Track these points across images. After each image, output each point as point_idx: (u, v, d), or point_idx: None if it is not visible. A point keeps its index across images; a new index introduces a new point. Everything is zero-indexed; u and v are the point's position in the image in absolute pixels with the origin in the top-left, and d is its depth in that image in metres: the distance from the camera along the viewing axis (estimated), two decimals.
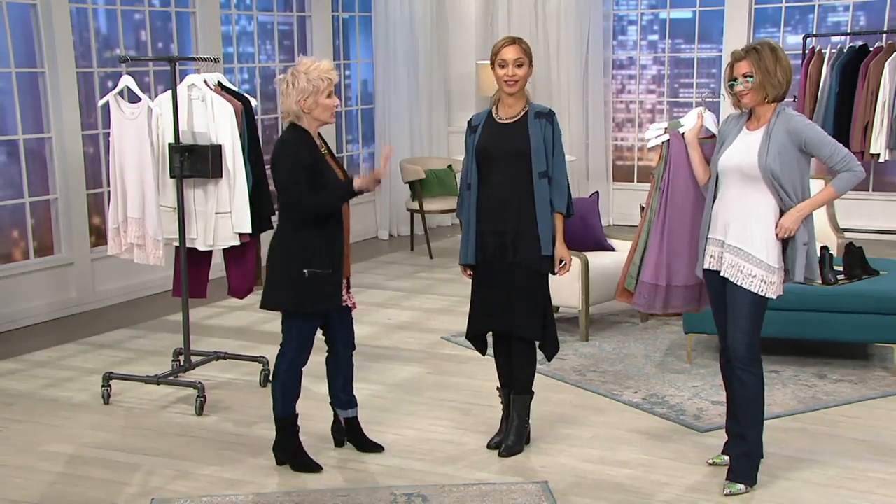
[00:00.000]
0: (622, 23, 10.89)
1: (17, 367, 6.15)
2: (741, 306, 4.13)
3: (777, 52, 4.06)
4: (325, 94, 4.29)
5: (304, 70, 4.28)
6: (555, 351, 4.70)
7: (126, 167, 5.43)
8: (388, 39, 10.15)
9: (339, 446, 4.78)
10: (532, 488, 4.31)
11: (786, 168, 4.04)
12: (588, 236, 6.80)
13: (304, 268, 4.30)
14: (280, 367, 4.48)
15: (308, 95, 4.27)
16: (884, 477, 4.41)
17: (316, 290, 4.34)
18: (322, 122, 4.38)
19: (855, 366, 5.87)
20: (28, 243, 7.24)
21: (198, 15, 8.38)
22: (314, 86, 4.26)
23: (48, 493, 4.38)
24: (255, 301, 7.47)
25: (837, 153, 4.02)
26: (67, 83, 7.27)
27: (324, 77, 4.28)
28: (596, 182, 10.65)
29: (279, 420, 4.54)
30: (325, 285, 4.35)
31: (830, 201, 3.99)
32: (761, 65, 4.03)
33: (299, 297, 4.34)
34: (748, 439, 4.24)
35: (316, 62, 4.31)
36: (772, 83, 4.05)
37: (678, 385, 5.58)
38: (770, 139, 4.05)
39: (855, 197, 9.75)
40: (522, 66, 4.50)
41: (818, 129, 4.09)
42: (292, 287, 4.33)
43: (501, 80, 4.51)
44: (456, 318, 7.04)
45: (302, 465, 4.54)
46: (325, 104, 4.31)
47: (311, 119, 4.34)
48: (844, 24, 9.82)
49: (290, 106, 4.30)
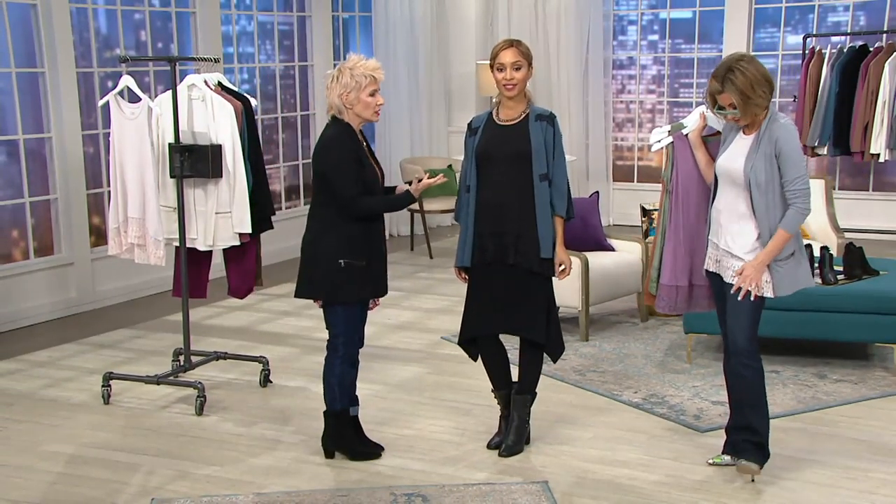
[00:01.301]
0: (622, 23, 10.89)
1: (18, 367, 6.15)
2: (738, 304, 4.17)
3: (747, 72, 4.01)
4: (367, 92, 4.38)
5: (349, 66, 4.38)
6: (559, 352, 4.68)
7: (126, 167, 5.42)
8: (389, 39, 10.15)
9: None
10: (532, 488, 4.31)
11: (770, 176, 4.07)
12: (588, 236, 6.80)
13: (341, 258, 4.38)
14: (334, 363, 4.54)
15: (350, 90, 4.36)
16: (884, 477, 4.41)
17: (351, 280, 4.42)
18: (364, 120, 4.46)
19: (855, 366, 5.87)
20: (28, 243, 7.24)
21: (198, 15, 8.38)
22: (357, 82, 4.35)
23: (48, 493, 4.38)
24: (255, 301, 7.52)
25: (798, 182, 4.02)
26: (67, 83, 7.27)
27: (367, 74, 4.37)
28: (596, 182, 10.65)
29: (336, 414, 4.60)
30: (359, 276, 4.43)
31: (785, 243, 4.05)
32: (739, 92, 4.01)
33: (336, 286, 4.42)
34: (758, 430, 4.29)
35: (363, 59, 4.42)
36: (755, 103, 4.05)
37: (678, 385, 5.58)
38: (759, 146, 4.09)
39: (855, 197, 9.76)
40: (521, 69, 4.50)
41: (795, 147, 4.06)
42: (329, 275, 4.41)
43: (500, 83, 4.51)
44: (456, 318, 7.01)
45: (363, 454, 4.63)
46: (367, 101, 4.39)
47: (353, 115, 4.42)
48: (844, 24, 9.82)
49: (332, 100, 4.40)
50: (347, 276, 4.41)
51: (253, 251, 5.63)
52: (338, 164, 4.35)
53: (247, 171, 5.44)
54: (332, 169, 4.35)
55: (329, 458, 4.63)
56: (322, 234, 4.43)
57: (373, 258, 4.48)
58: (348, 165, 4.35)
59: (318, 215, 4.46)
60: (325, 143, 4.41)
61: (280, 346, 6.46)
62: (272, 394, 5.61)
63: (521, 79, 4.51)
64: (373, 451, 4.66)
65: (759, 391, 4.27)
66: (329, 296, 4.45)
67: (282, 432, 5.02)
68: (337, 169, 4.35)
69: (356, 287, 4.45)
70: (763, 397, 4.30)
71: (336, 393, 4.57)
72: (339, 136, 4.40)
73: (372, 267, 4.48)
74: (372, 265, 4.48)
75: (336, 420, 4.61)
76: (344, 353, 4.53)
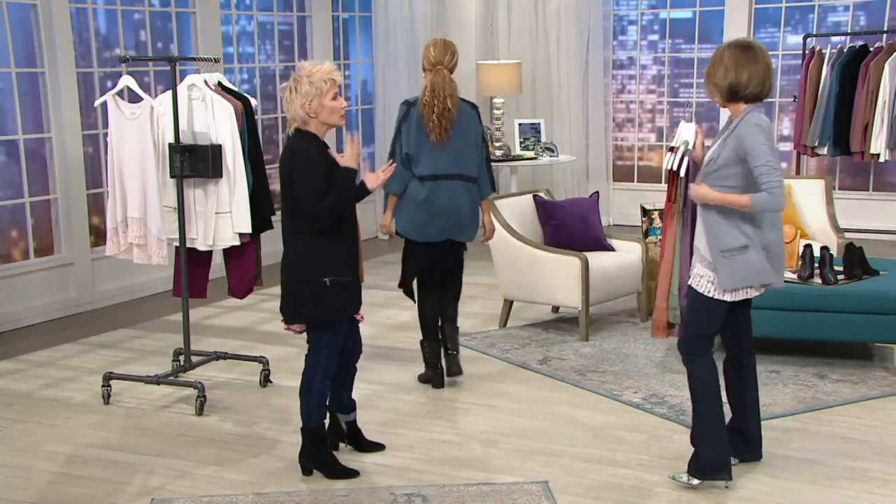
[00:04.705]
0: (622, 23, 10.89)
1: (18, 367, 6.15)
2: (691, 300, 4.23)
3: (720, 53, 4.05)
4: (329, 97, 4.25)
5: (305, 74, 4.24)
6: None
7: (125, 167, 5.42)
8: (389, 39, 10.15)
9: (335, 450, 4.73)
10: (532, 488, 4.31)
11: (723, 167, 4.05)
12: (588, 236, 6.80)
13: (326, 276, 4.27)
14: (314, 380, 4.38)
15: (312, 98, 4.22)
16: (884, 477, 4.41)
17: (339, 296, 4.31)
18: (330, 126, 4.33)
19: (855, 366, 5.87)
20: (28, 243, 7.24)
21: (198, 15, 8.38)
22: (317, 88, 4.21)
23: (48, 493, 4.38)
24: (255, 301, 7.52)
25: (762, 168, 3.93)
26: (67, 83, 7.27)
27: (326, 78, 4.23)
28: (596, 182, 10.65)
29: (313, 431, 4.45)
30: (345, 291, 4.34)
31: (740, 206, 4.00)
32: (707, 69, 4.11)
33: (325, 306, 4.30)
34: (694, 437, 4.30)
35: (317, 65, 4.28)
36: (714, 82, 4.08)
37: (678, 385, 5.58)
38: (727, 142, 4.08)
39: (855, 197, 9.76)
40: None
41: (757, 141, 3.97)
42: (316, 297, 4.28)
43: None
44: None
45: (338, 473, 4.47)
46: (331, 106, 4.26)
47: (319, 123, 4.28)
48: (844, 24, 9.82)
49: (295, 111, 4.25)
50: (333, 294, 4.29)
51: (253, 251, 5.63)
52: (305, 173, 4.20)
53: (247, 172, 5.44)
54: (298, 177, 4.20)
55: (306, 475, 4.49)
56: (303, 253, 4.29)
57: (354, 272, 4.39)
58: (318, 181, 4.20)
59: (294, 231, 4.32)
60: (292, 152, 4.25)
61: (280, 346, 6.46)
62: (272, 394, 5.62)
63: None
64: (349, 472, 4.48)
65: (695, 393, 4.24)
66: (316, 317, 4.32)
67: (282, 432, 5.02)
68: (303, 177, 4.19)
69: (344, 304, 4.35)
70: (701, 405, 4.23)
71: (314, 411, 4.41)
72: (304, 150, 4.24)
73: (353, 281, 4.39)
74: (354, 279, 4.39)
75: (313, 438, 4.47)
76: (325, 368, 4.39)
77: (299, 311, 4.34)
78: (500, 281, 6.80)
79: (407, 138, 5.36)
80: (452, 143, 5.37)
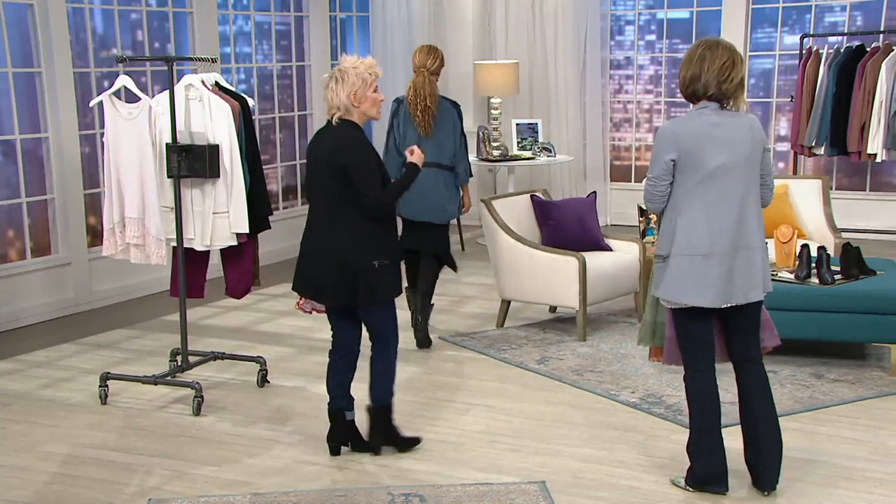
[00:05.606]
0: (619, 23, 10.90)
1: (15, 367, 6.14)
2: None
3: (691, 50, 4.04)
4: (372, 88, 4.48)
5: (351, 65, 4.47)
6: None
7: (122, 167, 5.42)
8: (386, 40, 10.15)
9: (336, 454, 4.72)
10: (529, 488, 4.31)
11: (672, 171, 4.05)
12: (586, 236, 6.80)
13: (374, 260, 4.48)
14: (390, 356, 4.67)
15: (357, 88, 4.44)
16: (881, 477, 4.42)
17: (391, 278, 4.57)
18: (368, 117, 4.55)
19: (852, 365, 5.87)
20: (25, 243, 7.23)
21: (195, 15, 8.37)
22: (363, 79, 4.45)
23: (45, 494, 4.38)
24: (252, 301, 7.50)
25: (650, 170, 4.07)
26: (64, 83, 7.27)
27: (371, 71, 4.48)
28: (593, 182, 10.65)
29: (388, 407, 4.70)
30: (395, 273, 4.60)
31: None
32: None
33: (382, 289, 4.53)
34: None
35: (361, 58, 4.53)
36: (680, 78, 4.11)
37: (676, 385, 5.58)
38: None
39: (852, 197, 9.76)
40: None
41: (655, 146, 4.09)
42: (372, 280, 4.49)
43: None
44: (455, 319, 7.04)
45: (408, 442, 4.75)
46: (373, 97, 4.50)
47: (360, 113, 4.50)
48: (841, 25, 9.82)
49: (340, 100, 4.45)
50: (383, 276, 4.51)
51: (250, 251, 5.63)
52: (365, 167, 4.42)
53: (244, 171, 5.43)
54: (358, 171, 4.40)
55: (375, 454, 4.66)
56: (354, 238, 4.46)
57: (396, 255, 4.63)
58: (374, 165, 4.46)
59: (338, 219, 4.47)
60: (349, 142, 4.45)
61: (277, 346, 6.46)
62: (269, 394, 5.61)
63: None
64: (416, 440, 4.77)
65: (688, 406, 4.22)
66: (377, 297, 4.52)
67: (279, 432, 5.02)
68: (365, 171, 4.42)
69: (394, 285, 4.59)
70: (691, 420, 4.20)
71: (390, 387, 4.68)
72: (359, 135, 4.49)
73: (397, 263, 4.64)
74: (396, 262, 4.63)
75: (387, 413, 4.69)
76: (395, 344, 4.67)
77: (354, 295, 4.51)
78: (497, 281, 6.80)
79: (397, 130, 6.28)
80: (433, 134, 6.21)
